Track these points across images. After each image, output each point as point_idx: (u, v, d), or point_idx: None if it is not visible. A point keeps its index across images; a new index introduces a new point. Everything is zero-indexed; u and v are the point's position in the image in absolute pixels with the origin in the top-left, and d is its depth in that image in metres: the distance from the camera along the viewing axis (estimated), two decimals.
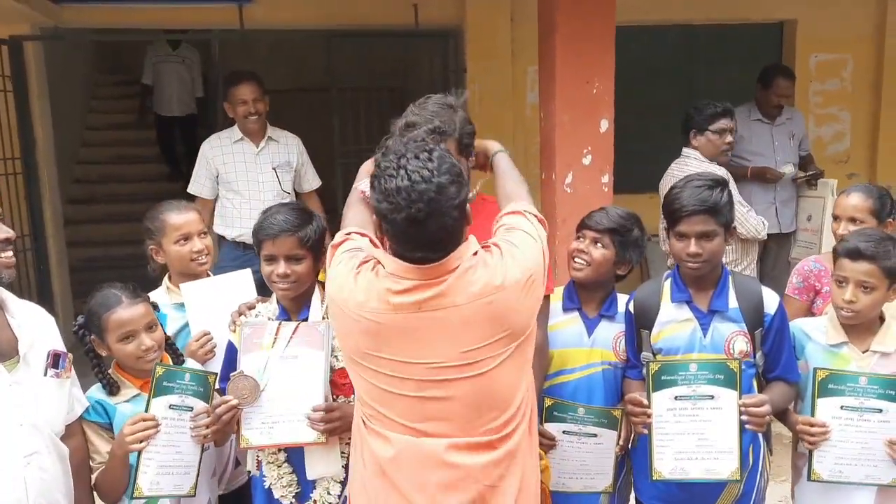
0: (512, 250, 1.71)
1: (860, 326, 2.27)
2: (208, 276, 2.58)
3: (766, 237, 4.06)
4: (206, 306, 2.34)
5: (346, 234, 1.85)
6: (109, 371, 2.16)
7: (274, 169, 4.15)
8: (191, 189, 4.20)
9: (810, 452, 2.20)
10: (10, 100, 5.11)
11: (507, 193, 1.98)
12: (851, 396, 2.16)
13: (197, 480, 2.13)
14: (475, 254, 1.70)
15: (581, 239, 2.39)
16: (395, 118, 2.07)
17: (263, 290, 2.37)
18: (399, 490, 1.71)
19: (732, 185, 3.82)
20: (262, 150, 4.15)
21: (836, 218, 2.80)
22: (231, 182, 4.11)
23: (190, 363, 2.30)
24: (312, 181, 4.39)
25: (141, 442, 1.98)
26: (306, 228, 2.14)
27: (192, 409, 2.10)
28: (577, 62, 3.52)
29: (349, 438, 2.06)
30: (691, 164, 3.91)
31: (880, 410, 2.14)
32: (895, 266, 2.20)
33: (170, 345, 2.26)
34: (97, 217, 7.44)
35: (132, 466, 2.02)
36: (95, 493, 2.11)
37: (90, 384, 2.16)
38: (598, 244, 2.35)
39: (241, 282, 2.52)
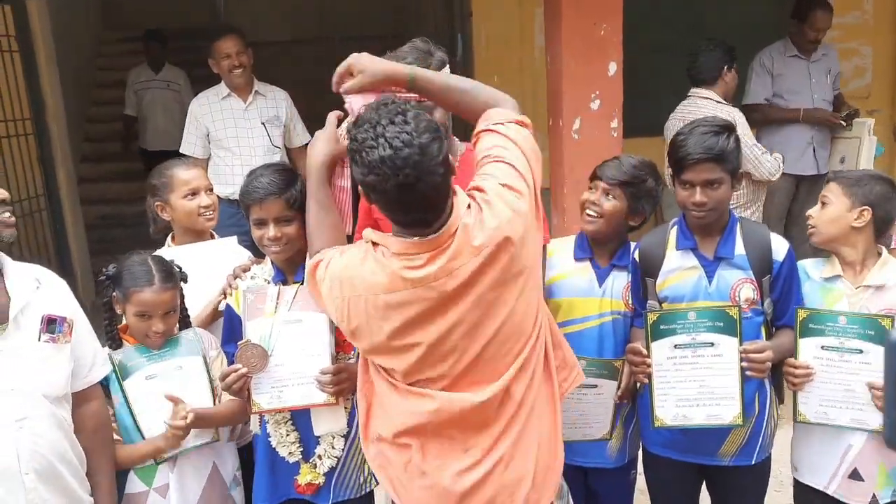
0: (496, 188, 1.69)
1: (854, 261, 2.24)
2: (213, 234, 2.60)
3: (777, 178, 3.98)
4: (194, 273, 2.33)
5: (320, 257, 1.83)
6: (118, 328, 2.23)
7: (263, 124, 4.14)
8: (183, 149, 4.19)
9: (795, 394, 2.21)
10: (16, 60, 5.09)
11: (467, 108, 1.87)
12: (832, 336, 2.14)
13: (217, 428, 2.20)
14: (468, 206, 1.68)
15: (592, 190, 2.35)
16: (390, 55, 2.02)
17: (256, 252, 2.38)
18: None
19: (745, 127, 3.75)
20: (250, 105, 4.14)
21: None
22: (221, 139, 4.11)
23: (198, 332, 2.32)
24: (302, 136, 4.35)
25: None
26: (291, 189, 2.12)
27: (181, 367, 2.16)
28: (583, 3, 3.42)
29: (352, 395, 2.11)
30: (705, 105, 3.81)
31: (861, 351, 2.11)
32: None
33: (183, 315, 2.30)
34: (109, 175, 7.47)
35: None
36: None
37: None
38: (610, 196, 2.31)
39: (227, 248, 2.53)
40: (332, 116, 1.96)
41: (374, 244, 1.71)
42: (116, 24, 8.85)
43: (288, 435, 2.16)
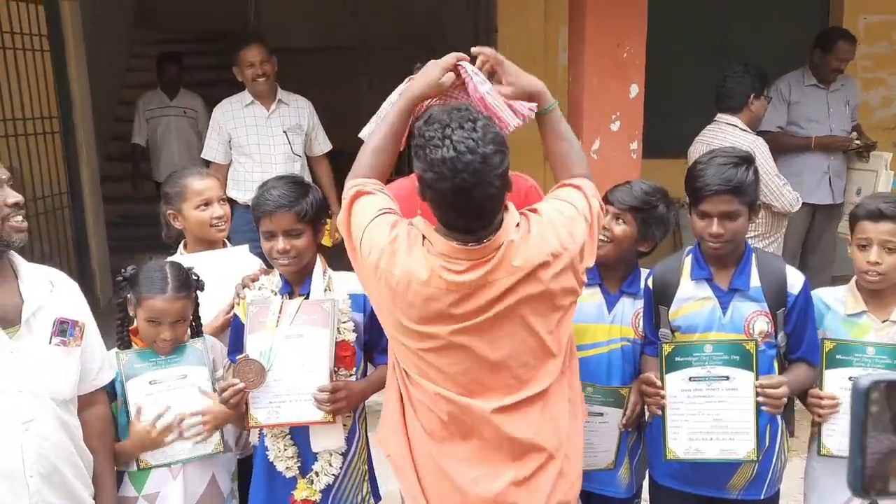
0: (553, 216, 1.74)
1: (880, 295, 2.20)
2: (225, 243, 2.61)
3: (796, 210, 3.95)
4: (206, 281, 2.33)
5: (363, 188, 1.82)
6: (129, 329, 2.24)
7: (285, 132, 4.17)
8: (205, 154, 4.26)
9: (819, 426, 2.17)
10: (47, 59, 5.18)
11: (565, 161, 1.92)
12: (859, 367, 2.10)
13: (223, 436, 2.20)
14: (518, 225, 1.71)
15: (604, 213, 2.34)
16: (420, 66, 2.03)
17: (267, 261, 2.38)
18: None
19: (767, 157, 3.71)
20: (273, 113, 4.17)
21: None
22: (243, 146, 4.14)
23: (208, 340, 2.32)
24: (323, 145, 4.40)
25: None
26: (302, 202, 2.13)
27: (185, 376, 2.17)
28: (607, 24, 3.43)
29: (349, 413, 2.14)
30: (730, 132, 3.76)
31: None
32: None
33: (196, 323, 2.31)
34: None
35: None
36: None
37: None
38: (620, 220, 2.29)
39: (239, 257, 2.53)
40: (452, 58, 1.88)
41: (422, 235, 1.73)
42: (149, 26, 8.98)
43: (286, 449, 2.16)
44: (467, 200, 1.62)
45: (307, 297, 2.15)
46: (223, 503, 2.27)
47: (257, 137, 4.14)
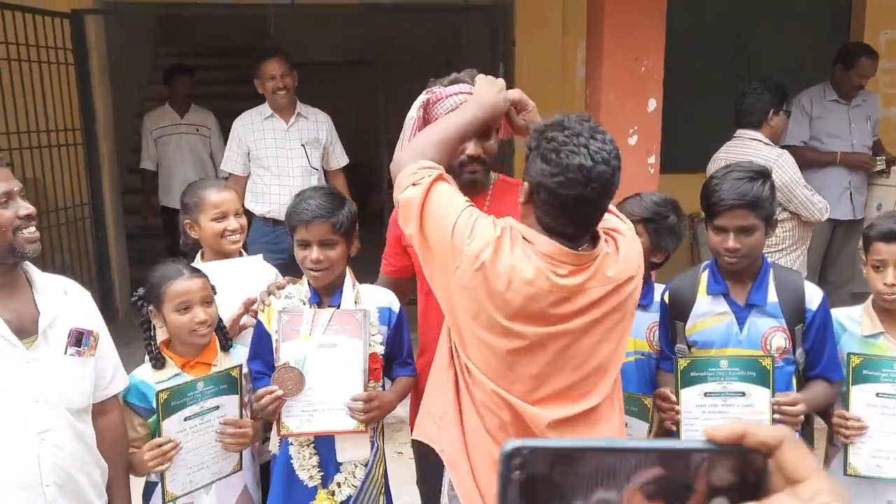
0: (632, 239, 1.83)
1: None
2: (241, 254, 2.64)
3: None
4: (221, 290, 2.33)
5: (443, 173, 1.79)
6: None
7: (303, 145, 4.20)
8: (223, 166, 4.31)
9: (846, 446, 2.13)
10: (71, 72, 5.26)
11: None
12: (888, 382, 2.08)
13: (241, 455, 2.19)
14: (605, 241, 1.76)
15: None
16: (435, 80, 2.10)
17: (283, 271, 2.39)
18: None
19: (794, 168, 3.69)
20: (292, 126, 4.19)
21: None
22: (261, 158, 4.17)
23: (240, 352, 2.33)
24: (340, 159, 4.43)
25: (163, 465, 2.03)
26: (339, 214, 2.14)
27: (217, 407, 2.13)
28: (625, 38, 3.43)
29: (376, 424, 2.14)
30: (753, 146, 3.74)
31: None
32: None
33: (219, 328, 2.30)
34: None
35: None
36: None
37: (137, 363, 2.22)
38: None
39: (253, 266, 2.55)
40: (516, 94, 2.04)
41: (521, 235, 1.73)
42: (171, 40, 9.10)
43: (310, 458, 2.16)
44: (587, 210, 1.67)
45: (339, 307, 2.15)
46: None
47: (275, 150, 4.17)
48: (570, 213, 1.67)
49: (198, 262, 2.59)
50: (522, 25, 5.38)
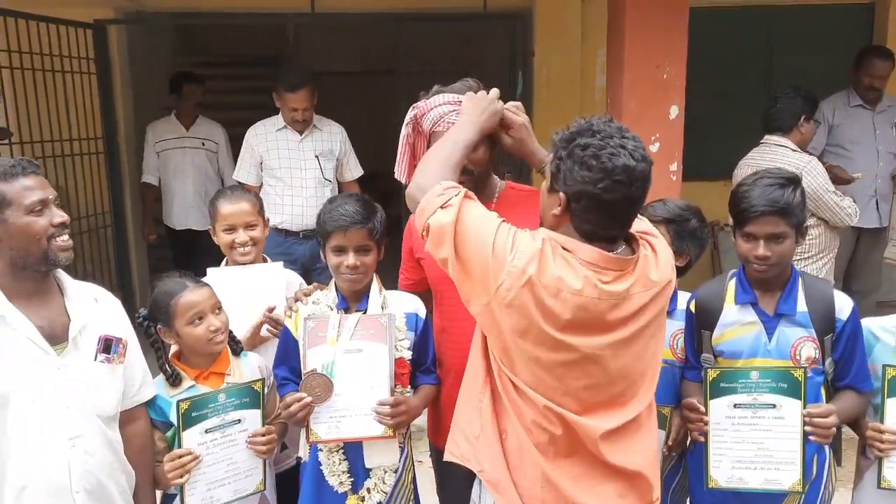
0: (665, 251, 1.79)
1: None
2: (264, 261, 2.64)
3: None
4: (229, 295, 2.34)
5: (469, 193, 1.77)
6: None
7: (317, 157, 4.17)
8: (236, 176, 4.30)
9: (880, 459, 2.09)
10: (93, 82, 5.32)
11: None
12: None
13: (265, 475, 2.17)
14: (642, 244, 1.76)
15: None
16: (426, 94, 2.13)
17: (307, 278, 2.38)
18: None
19: (822, 174, 3.64)
20: (306, 137, 4.17)
21: None
22: (274, 169, 4.15)
23: (251, 358, 2.33)
24: (354, 170, 4.41)
25: (182, 476, 2.02)
26: (374, 220, 2.17)
27: (238, 421, 2.11)
28: (646, 46, 3.41)
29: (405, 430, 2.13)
30: (781, 153, 3.71)
31: None
32: None
33: (234, 342, 2.31)
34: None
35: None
36: None
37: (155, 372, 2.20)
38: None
39: (273, 273, 2.55)
40: (495, 93, 2.02)
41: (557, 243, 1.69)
42: (190, 50, 9.18)
43: (340, 464, 2.15)
44: (630, 209, 1.67)
45: (365, 313, 2.16)
46: None
47: (289, 161, 4.15)
48: (614, 216, 1.66)
49: (223, 266, 2.61)
50: (541, 34, 5.39)
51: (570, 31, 5.36)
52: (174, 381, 2.14)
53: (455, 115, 2.04)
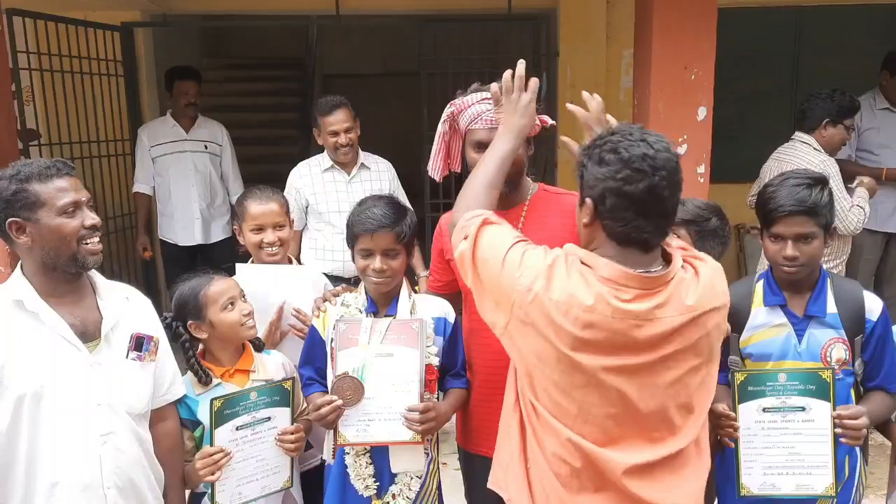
0: (720, 270, 1.71)
1: None
2: (290, 260, 2.65)
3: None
4: (257, 292, 2.36)
5: (489, 217, 1.75)
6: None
7: None
8: None
9: None
10: (121, 84, 5.38)
11: None
12: None
13: (292, 472, 2.19)
14: (682, 267, 1.65)
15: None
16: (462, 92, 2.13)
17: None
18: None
19: (837, 178, 3.61)
20: (354, 177, 3.77)
21: None
22: (322, 213, 3.74)
23: (275, 355, 2.34)
24: None
25: (213, 473, 2.04)
26: (402, 224, 2.15)
27: (268, 419, 2.13)
28: (674, 46, 3.37)
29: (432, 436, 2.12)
30: (802, 150, 3.73)
31: None
32: None
33: (258, 340, 2.33)
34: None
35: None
36: None
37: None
38: (675, 236, 2.25)
39: (300, 274, 2.54)
40: (535, 84, 1.98)
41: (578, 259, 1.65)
42: (216, 53, 9.26)
43: (366, 467, 2.15)
44: (659, 205, 1.58)
45: (395, 318, 2.15)
46: None
47: (338, 205, 3.71)
48: (642, 213, 1.58)
49: (250, 262, 2.62)
50: (566, 35, 5.37)
51: (594, 32, 5.34)
52: (205, 379, 2.16)
53: (492, 112, 2.05)
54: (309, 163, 3.82)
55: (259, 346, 2.33)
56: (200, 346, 2.24)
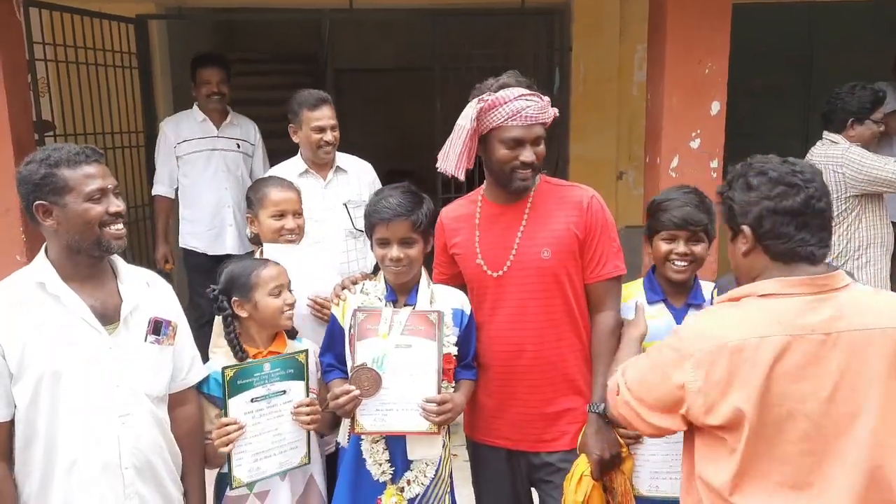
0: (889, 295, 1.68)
1: None
2: None
3: None
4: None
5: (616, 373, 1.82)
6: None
7: (345, 205, 3.33)
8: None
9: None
10: (135, 76, 5.41)
11: None
12: None
13: (309, 448, 2.22)
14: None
15: (672, 241, 2.27)
16: (481, 87, 2.14)
17: None
18: None
19: (864, 157, 3.54)
20: (330, 182, 3.34)
21: None
22: None
23: (305, 342, 2.36)
24: None
25: (227, 445, 2.07)
26: (418, 212, 2.16)
27: (284, 392, 2.16)
28: (688, 41, 3.38)
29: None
30: (829, 146, 3.68)
31: None
32: None
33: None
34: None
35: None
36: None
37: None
38: (696, 241, 2.28)
39: (326, 259, 2.58)
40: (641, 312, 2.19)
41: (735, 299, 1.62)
42: (229, 47, 9.29)
43: (382, 453, 2.17)
44: (816, 216, 1.58)
45: (415, 308, 2.16)
46: (321, 499, 2.32)
47: (309, 212, 3.01)
48: (803, 226, 1.57)
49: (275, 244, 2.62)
50: (579, 30, 5.36)
51: (608, 27, 5.33)
52: (242, 354, 2.19)
53: (532, 109, 2.06)
54: (282, 167, 3.36)
55: (293, 333, 2.36)
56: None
